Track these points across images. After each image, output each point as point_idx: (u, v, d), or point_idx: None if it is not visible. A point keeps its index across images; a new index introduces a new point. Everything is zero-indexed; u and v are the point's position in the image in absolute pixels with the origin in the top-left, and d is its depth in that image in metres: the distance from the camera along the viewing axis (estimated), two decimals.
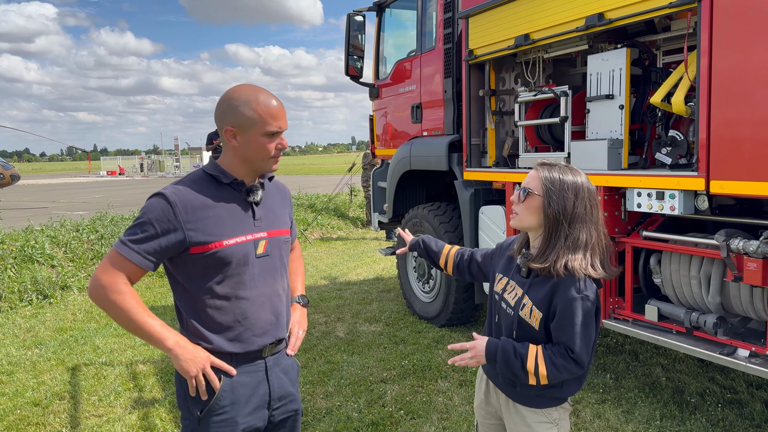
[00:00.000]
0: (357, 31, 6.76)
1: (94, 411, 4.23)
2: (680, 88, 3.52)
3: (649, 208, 3.59)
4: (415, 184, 6.49)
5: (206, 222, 1.88)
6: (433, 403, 4.14)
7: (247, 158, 1.94)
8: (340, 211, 13.76)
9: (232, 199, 1.96)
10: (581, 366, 1.88)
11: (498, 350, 1.94)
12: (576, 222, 1.88)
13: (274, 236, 2.04)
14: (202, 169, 2.01)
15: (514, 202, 1.99)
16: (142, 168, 52.25)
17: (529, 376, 1.90)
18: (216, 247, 1.88)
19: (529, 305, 1.94)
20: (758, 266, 3.10)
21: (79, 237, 9.03)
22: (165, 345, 1.87)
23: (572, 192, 1.89)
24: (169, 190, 1.89)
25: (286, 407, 2.12)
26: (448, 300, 5.63)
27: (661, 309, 3.79)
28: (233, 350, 1.95)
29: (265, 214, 2.03)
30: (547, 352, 1.90)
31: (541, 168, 1.96)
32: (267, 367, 2.04)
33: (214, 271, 1.91)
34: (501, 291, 2.07)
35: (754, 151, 2.98)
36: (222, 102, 1.93)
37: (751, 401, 4.00)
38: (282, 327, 2.08)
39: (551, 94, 4.41)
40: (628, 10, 3.59)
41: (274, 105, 1.91)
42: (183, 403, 2.00)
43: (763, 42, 2.91)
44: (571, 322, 1.85)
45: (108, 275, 1.83)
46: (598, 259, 1.90)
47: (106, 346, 5.65)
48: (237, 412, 1.96)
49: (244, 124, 1.89)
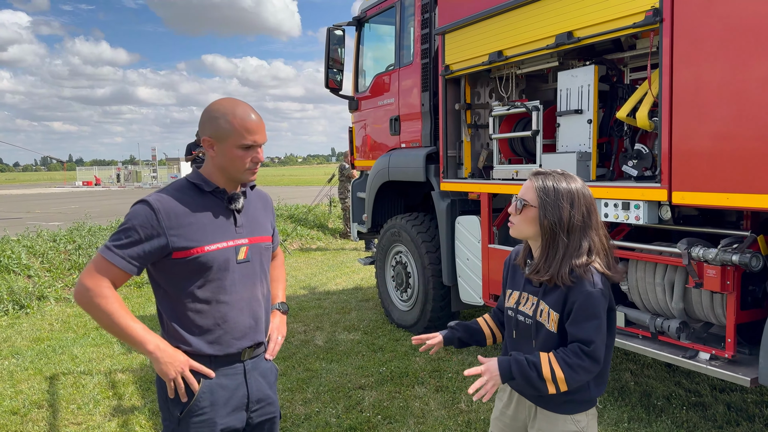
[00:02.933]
0: (336, 45, 6.90)
1: (73, 419, 4.25)
2: (644, 104, 3.70)
3: (615, 218, 3.75)
4: (394, 194, 6.61)
5: (188, 228, 1.95)
6: (410, 408, 4.24)
7: (223, 168, 2.02)
8: (319, 222, 13.83)
9: (213, 207, 2.03)
10: (596, 361, 1.86)
11: (511, 365, 1.90)
12: (574, 231, 1.89)
13: (255, 243, 2.11)
14: (185, 177, 2.09)
15: (512, 213, 2.00)
16: (118, 178, 51.66)
17: (547, 385, 1.86)
18: (197, 253, 1.95)
19: (546, 309, 1.93)
20: (717, 273, 3.26)
21: (56, 247, 8.98)
22: (146, 348, 1.92)
23: (567, 201, 1.89)
24: (152, 197, 1.97)
25: (264, 410, 2.17)
26: (426, 308, 5.75)
27: (627, 315, 3.94)
28: (212, 353, 2.01)
29: (247, 222, 2.10)
30: (559, 355, 1.88)
31: (535, 178, 1.96)
32: (245, 370, 2.09)
33: (195, 276, 1.97)
34: (515, 305, 2.06)
35: (713, 164, 3.16)
36: (204, 113, 2.03)
37: (715, 404, 4.17)
38: (261, 331, 2.14)
39: (524, 109, 4.57)
40: (596, 29, 3.77)
41: (252, 119, 1.99)
42: (163, 405, 2.05)
43: (718, 62, 3.09)
44: (586, 315, 1.85)
45: (92, 279, 1.90)
46: (603, 263, 1.92)
47: (84, 355, 5.65)
48: (216, 413, 2.02)
49: (220, 135, 1.97)
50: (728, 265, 3.22)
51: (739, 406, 4.12)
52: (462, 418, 4.05)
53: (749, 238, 3.22)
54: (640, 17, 3.47)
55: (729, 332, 3.32)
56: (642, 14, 3.45)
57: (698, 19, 3.17)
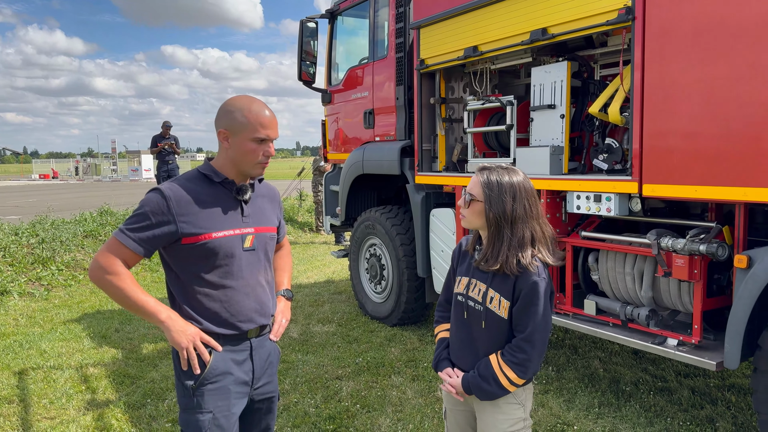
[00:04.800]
0: (309, 38, 6.88)
1: (45, 414, 4.18)
2: (616, 99, 3.82)
3: (587, 210, 3.88)
4: (367, 187, 6.65)
5: (197, 216, 2.08)
6: (388, 397, 4.30)
7: (236, 160, 2.14)
8: (288, 216, 13.77)
9: (222, 196, 2.16)
10: (539, 347, 2.05)
11: (469, 386, 2.13)
12: (517, 222, 2.05)
13: (260, 232, 2.23)
14: (196, 169, 2.22)
15: (461, 206, 2.16)
16: (77, 171, 50.35)
17: (508, 388, 2.07)
18: (205, 239, 2.08)
19: (496, 297, 2.09)
20: (685, 262, 3.41)
21: (19, 241, 8.74)
22: (158, 318, 2.05)
23: (510, 194, 2.05)
24: (165, 186, 2.10)
25: (265, 388, 2.30)
26: (400, 300, 5.82)
27: (598, 303, 4.08)
28: (220, 332, 2.14)
29: (253, 212, 2.23)
30: (506, 358, 2.07)
31: (481, 173, 2.12)
32: (252, 347, 2.22)
33: (203, 261, 2.10)
34: (464, 291, 2.20)
35: (682, 158, 3.29)
36: (221, 108, 2.16)
37: (680, 388, 4.35)
38: (266, 315, 2.26)
39: (498, 104, 4.66)
40: (570, 26, 3.88)
41: (266, 115, 2.12)
42: (177, 380, 2.17)
43: (688, 59, 3.22)
44: (534, 301, 2.03)
45: (106, 258, 2.04)
46: (546, 249, 2.09)
47: (53, 350, 5.55)
48: (229, 381, 2.14)
49: (235, 128, 2.11)
50: (696, 255, 3.36)
51: (702, 390, 4.31)
52: (439, 405, 4.13)
53: (715, 229, 3.38)
54: (612, 15, 3.59)
55: (696, 319, 3.48)
56: (615, 12, 3.57)
57: (669, 17, 3.30)
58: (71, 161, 58.53)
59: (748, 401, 4.09)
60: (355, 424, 3.91)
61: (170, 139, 12.63)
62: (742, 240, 3.27)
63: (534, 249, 2.06)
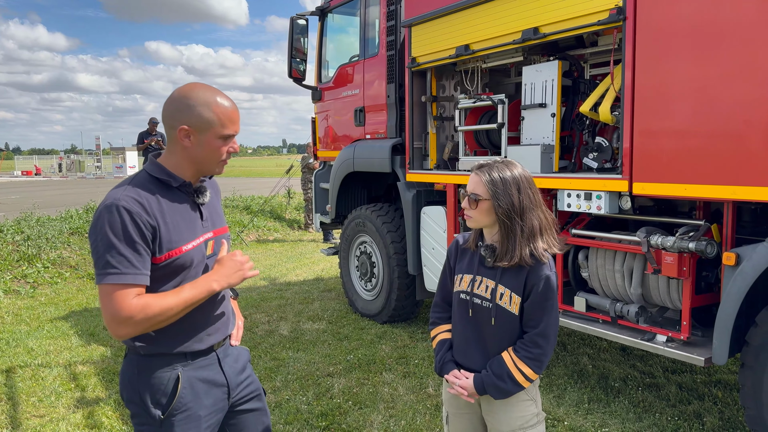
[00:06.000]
0: (300, 35, 6.87)
1: (35, 412, 4.15)
2: (607, 99, 3.86)
3: (578, 208, 3.91)
4: (357, 185, 6.66)
5: (166, 229, 1.84)
6: (380, 394, 4.32)
7: (198, 159, 1.91)
8: (276, 213, 13.74)
9: (182, 203, 1.93)
10: (552, 340, 2.07)
11: (484, 386, 2.08)
12: (526, 212, 2.06)
13: (218, 235, 2.06)
14: (146, 171, 1.92)
15: (466, 208, 2.14)
16: (60, 168, 49.77)
17: (523, 384, 2.06)
18: (177, 254, 1.86)
19: (507, 293, 2.08)
20: (674, 260, 3.46)
21: (3, 238, 8.65)
22: (208, 292, 1.87)
23: (515, 187, 2.06)
24: (123, 203, 1.77)
25: (246, 389, 2.15)
26: (391, 297, 5.83)
27: (588, 300, 4.13)
28: (187, 350, 1.94)
29: (209, 214, 2.04)
30: (520, 353, 2.06)
31: (481, 172, 2.10)
32: (219, 358, 2.05)
33: (170, 277, 1.88)
34: (468, 288, 2.17)
35: (671, 156, 3.34)
36: (175, 100, 1.87)
37: (667, 384, 4.41)
38: (231, 323, 2.12)
39: (489, 102, 4.69)
40: (562, 26, 3.91)
41: (232, 108, 1.91)
42: (138, 409, 1.94)
43: (678, 59, 3.26)
44: (549, 296, 2.05)
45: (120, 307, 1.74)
46: (552, 237, 2.10)
47: (40, 348, 5.50)
48: (199, 407, 1.96)
49: (201, 126, 1.85)
50: (685, 252, 3.41)
51: (689, 386, 4.37)
52: (430, 402, 4.16)
53: (704, 227, 3.43)
54: (604, 15, 3.62)
55: (684, 315, 3.53)
56: (606, 12, 3.61)
57: (660, 18, 3.34)
58: (54, 158, 57.85)
59: (734, 396, 4.16)
60: (347, 421, 3.92)
61: (157, 135, 12.52)
62: (730, 238, 3.32)
63: (544, 238, 2.07)
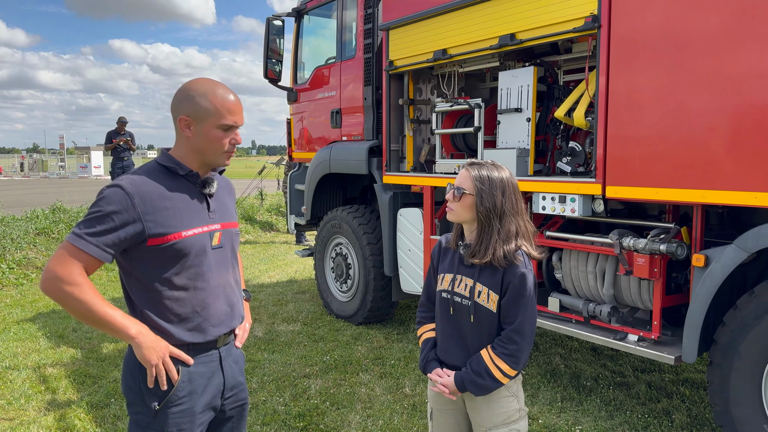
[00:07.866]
0: (275, 36, 6.85)
1: (4, 415, 4.05)
2: (581, 104, 3.96)
3: (552, 211, 4.00)
4: (333, 187, 6.67)
5: (164, 213, 1.89)
6: (357, 394, 4.34)
7: (200, 150, 1.98)
8: (248, 215, 13.63)
9: (187, 191, 1.98)
10: (529, 337, 2.11)
11: (463, 383, 2.14)
12: (505, 216, 2.12)
13: (226, 228, 2.09)
14: (155, 160, 2.01)
15: (450, 200, 2.20)
16: (22, 167, 48.47)
17: (501, 381, 2.11)
18: (174, 239, 1.90)
19: (485, 291, 2.13)
20: (646, 261, 3.57)
21: None
22: (128, 333, 1.86)
23: (500, 189, 2.12)
24: (125, 180, 1.88)
25: (236, 396, 2.17)
26: (366, 299, 5.85)
27: (562, 301, 4.22)
28: (191, 340, 1.98)
29: (218, 207, 2.08)
30: (497, 350, 2.11)
31: (471, 168, 2.18)
32: (221, 356, 2.07)
33: (171, 263, 1.92)
34: (449, 287, 2.23)
35: (643, 161, 3.44)
36: (180, 92, 1.98)
37: (637, 383, 4.53)
38: (236, 317, 2.13)
39: (466, 106, 4.76)
40: (538, 33, 3.99)
41: (232, 99, 1.97)
42: (136, 397, 1.97)
43: (651, 66, 3.37)
44: (524, 293, 2.10)
45: (63, 267, 1.79)
46: (528, 243, 2.17)
47: (7, 350, 5.37)
48: (194, 402, 1.98)
49: (198, 115, 1.93)
50: (656, 254, 3.52)
51: (658, 384, 4.50)
52: (407, 401, 4.20)
53: (674, 230, 3.54)
54: (579, 23, 3.72)
55: (655, 315, 3.64)
56: (581, 20, 3.70)
57: (633, 26, 3.44)
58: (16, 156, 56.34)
59: (701, 395, 4.29)
60: (325, 421, 3.93)
61: (126, 135, 12.33)
62: (700, 240, 3.44)
63: (518, 242, 2.13)
